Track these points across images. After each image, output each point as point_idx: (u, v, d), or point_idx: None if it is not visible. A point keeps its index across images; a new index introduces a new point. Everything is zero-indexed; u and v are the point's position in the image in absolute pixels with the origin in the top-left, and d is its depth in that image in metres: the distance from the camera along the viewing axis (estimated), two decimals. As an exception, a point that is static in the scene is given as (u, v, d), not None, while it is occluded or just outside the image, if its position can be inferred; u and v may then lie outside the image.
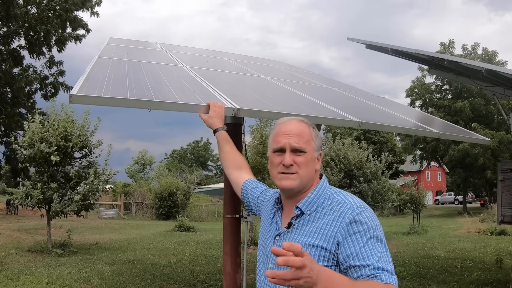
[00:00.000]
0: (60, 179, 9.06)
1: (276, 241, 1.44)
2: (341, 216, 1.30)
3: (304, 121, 1.47)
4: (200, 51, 6.62)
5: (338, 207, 1.34)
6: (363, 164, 13.96)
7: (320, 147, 1.46)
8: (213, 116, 2.16)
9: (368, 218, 1.29)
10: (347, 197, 1.37)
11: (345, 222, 1.28)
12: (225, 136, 2.07)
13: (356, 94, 4.84)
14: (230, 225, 2.72)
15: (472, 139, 4.24)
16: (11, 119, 17.78)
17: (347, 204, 1.33)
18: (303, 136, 1.42)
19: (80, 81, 2.55)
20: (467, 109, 27.03)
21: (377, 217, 1.34)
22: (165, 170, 41.94)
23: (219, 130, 2.09)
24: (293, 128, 1.42)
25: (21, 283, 6.13)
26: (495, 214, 12.69)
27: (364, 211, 1.31)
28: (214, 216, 24.13)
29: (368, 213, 1.31)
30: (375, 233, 1.27)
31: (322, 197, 1.40)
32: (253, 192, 1.79)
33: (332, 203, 1.36)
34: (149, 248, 10.49)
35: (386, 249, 1.27)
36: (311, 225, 1.35)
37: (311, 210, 1.38)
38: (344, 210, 1.32)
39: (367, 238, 1.25)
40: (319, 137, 1.47)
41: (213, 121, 2.14)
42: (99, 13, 19.89)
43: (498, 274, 7.18)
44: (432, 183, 50.20)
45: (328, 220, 1.33)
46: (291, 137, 1.41)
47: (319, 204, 1.38)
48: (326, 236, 1.30)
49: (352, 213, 1.30)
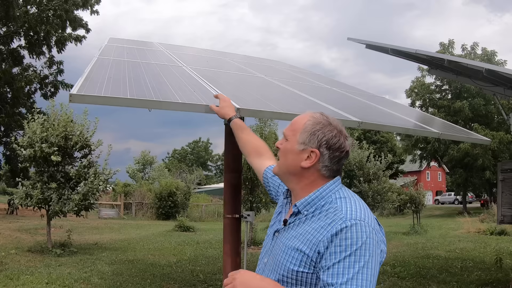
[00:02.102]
0: (60, 179, 9.05)
1: (274, 237, 1.39)
2: (331, 225, 1.20)
3: (314, 114, 1.38)
4: (200, 51, 6.62)
5: (332, 214, 1.24)
6: (363, 164, 13.98)
7: (311, 143, 1.32)
8: (225, 106, 2.13)
9: (356, 233, 1.16)
10: (346, 205, 1.25)
11: (331, 232, 1.18)
12: (240, 124, 2.02)
13: (356, 94, 4.84)
14: (230, 225, 2.72)
15: (472, 139, 4.25)
16: (11, 118, 17.79)
17: (341, 214, 1.22)
18: (294, 124, 1.38)
19: (80, 80, 2.56)
20: (466, 109, 27.03)
21: (373, 233, 1.19)
22: (165, 170, 41.97)
23: (233, 118, 2.05)
24: (296, 118, 1.41)
25: (21, 283, 6.12)
26: (495, 214, 12.69)
27: (355, 224, 1.18)
28: (214, 216, 24.12)
29: (360, 228, 1.17)
30: (358, 252, 1.14)
31: (324, 199, 1.30)
32: (274, 180, 1.72)
33: (329, 209, 1.26)
34: (149, 248, 10.49)
35: (365, 272, 1.13)
36: (302, 227, 1.28)
37: (309, 211, 1.30)
38: (335, 219, 1.21)
39: (346, 255, 1.14)
40: (313, 133, 1.33)
41: (225, 111, 2.11)
42: (99, 12, 19.91)
43: (498, 274, 7.17)
44: (432, 183, 50.22)
45: (318, 226, 1.24)
46: (288, 125, 1.42)
47: (318, 206, 1.29)
48: (310, 243, 1.22)
49: (342, 224, 1.18)
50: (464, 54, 28.44)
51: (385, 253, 1.27)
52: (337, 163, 1.34)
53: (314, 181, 1.34)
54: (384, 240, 1.28)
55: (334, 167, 1.33)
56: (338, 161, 1.33)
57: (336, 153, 1.32)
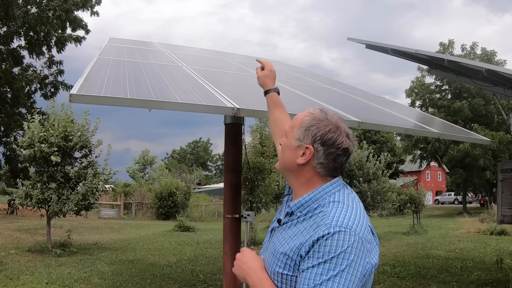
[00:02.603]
0: (59, 179, 9.05)
1: (271, 234, 1.38)
2: (315, 230, 1.16)
3: (312, 110, 1.35)
4: (200, 51, 6.62)
5: (319, 219, 1.19)
6: (363, 164, 13.98)
7: (305, 139, 1.29)
8: (268, 75, 2.09)
9: (337, 241, 1.11)
10: (336, 211, 1.19)
11: (313, 238, 1.15)
12: (276, 99, 1.94)
13: (356, 94, 4.84)
14: (230, 225, 2.72)
15: (472, 139, 4.25)
16: (11, 118, 17.79)
17: (327, 219, 1.17)
18: (293, 121, 1.38)
19: (80, 80, 2.55)
20: (465, 109, 27.03)
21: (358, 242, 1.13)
22: (165, 170, 41.99)
23: (271, 91, 2.00)
24: (298, 114, 1.40)
25: (21, 283, 6.12)
26: (495, 214, 12.69)
27: (338, 232, 1.13)
28: (214, 216, 24.11)
29: (343, 236, 1.12)
30: (334, 260, 1.10)
31: (317, 202, 1.25)
32: None
33: (319, 213, 1.21)
34: (149, 248, 10.49)
35: (337, 281, 1.09)
36: (292, 230, 1.26)
37: (302, 213, 1.26)
38: (321, 224, 1.17)
39: (321, 261, 1.11)
40: (309, 129, 1.29)
41: (267, 81, 2.06)
42: (99, 13, 19.92)
43: (498, 274, 7.17)
44: (432, 183, 50.23)
45: (304, 229, 1.21)
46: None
47: (311, 209, 1.25)
48: (295, 246, 1.19)
49: (325, 230, 1.14)
50: (464, 54, 28.44)
51: (376, 264, 1.21)
52: (334, 161, 1.27)
53: (310, 179, 1.30)
54: (377, 250, 1.24)
55: (330, 164, 1.27)
56: (334, 159, 1.27)
57: (331, 150, 1.26)
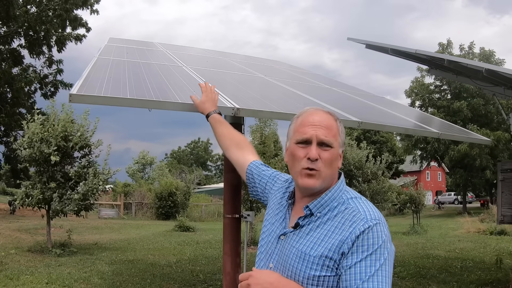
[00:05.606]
0: (59, 179, 9.05)
1: (280, 241, 1.33)
2: (352, 227, 1.20)
3: (331, 113, 1.35)
4: (200, 51, 6.62)
5: (350, 216, 1.23)
6: (363, 164, 13.97)
7: (344, 143, 1.36)
8: (205, 100, 2.10)
9: (378, 233, 1.19)
10: (362, 206, 1.25)
11: (355, 234, 1.19)
12: (218, 118, 1.97)
13: (356, 94, 4.84)
14: (230, 225, 2.72)
15: (472, 139, 4.25)
16: (11, 118, 17.78)
17: (360, 214, 1.22)
18: (332, 129, 1.30)
19: (80, 80, 2.55)
20: (464, 109, 27.03)
21: (388, 232, 1.24)
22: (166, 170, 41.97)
23: (211, 114, 2.01)
24: (321, 119, 1.31)
25: (21, 283, 6.12)
26: (495, 214, 12.70)
27: (376, 225, 1.20)
28: (214, 216, 24.12)
29: (380, 228, 1.21)
30: (379, 251, 1.17)
31: (336, 200, 1.28)
32: (261, 178, 1.64)
33: (345, 210, 1.25)
34: (149, 248, 10.49)
35: (384, 269, 1.16)
36: (319, 231, 1.26)
37: (322, 213, 1.27)
38: (356, 220, 1.21)
39: (368, 253, 1.16)
40: (344, 132, 1.36)
41: (205, 106, 2.08)
42: (99, 11, 19.89)
43: (498, 274, 7.18)
44: (432, 183, 50.22)
45: (337, 228, 1.23)
46: (319, 129, 1.28)
47: (331, 207, 1.27)
48: (333, 245, 1.21)
49: (364, 225, 1.19)
50: (463, 54, 28.44)
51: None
52: None
53: (333, 181, 1.34)
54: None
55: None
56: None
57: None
